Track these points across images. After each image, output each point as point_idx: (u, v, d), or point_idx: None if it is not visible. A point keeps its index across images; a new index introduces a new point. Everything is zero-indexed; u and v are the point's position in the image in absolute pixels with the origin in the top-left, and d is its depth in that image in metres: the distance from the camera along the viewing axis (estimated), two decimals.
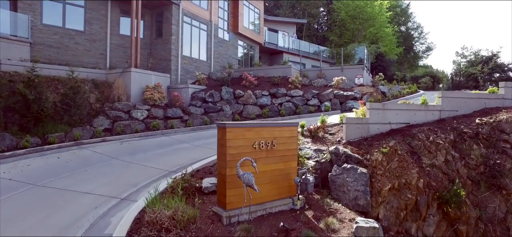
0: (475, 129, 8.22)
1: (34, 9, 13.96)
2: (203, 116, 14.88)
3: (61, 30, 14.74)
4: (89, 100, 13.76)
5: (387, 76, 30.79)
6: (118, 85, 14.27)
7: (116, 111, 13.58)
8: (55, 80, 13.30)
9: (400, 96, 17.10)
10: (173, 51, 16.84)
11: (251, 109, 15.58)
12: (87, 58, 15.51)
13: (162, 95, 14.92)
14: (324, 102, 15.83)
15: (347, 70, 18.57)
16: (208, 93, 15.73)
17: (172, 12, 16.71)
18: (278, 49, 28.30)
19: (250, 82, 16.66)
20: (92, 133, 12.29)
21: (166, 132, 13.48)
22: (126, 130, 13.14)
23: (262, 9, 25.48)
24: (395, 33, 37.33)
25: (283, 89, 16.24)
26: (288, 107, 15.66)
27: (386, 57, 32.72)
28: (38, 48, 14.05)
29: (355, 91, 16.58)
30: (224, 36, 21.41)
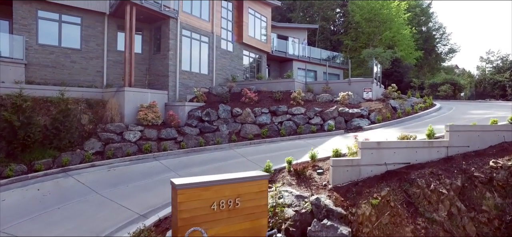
0: (488, 173, 7.02)
1: (29, 29, 13.90)
2: (198, 137, 14.27)
3: (57, 49, 14.62)
4: (82, 121, 13.50)
5: (404, 83, 29.07)
6: (111, 105, 13.93)
7: (108, 133, 13.24)
8: (47, 102, 13.13)
9: (412, 113, 15.73)
10: (171, 67, 16.37)
11: (249, 128, 14.80)
12: (84, 76, 15.33)
13: (156, 114, 14.45)
14: (328, 120, 14.78)
15: (355, 84, 17.37)
16: (205, 111, 15.11)
17: (170, 27, 16.24)
18: (287, 57, 27.33)
19: (250, 99, 15.89)
20: (82, 158, 11.97)
21: (158, 156, 12.97)
22: (117, 154, 12.75)
23: (270, 17, 24.63)
24: (413, 35, 35.23)
25: (284, 106, 15.35)
26: (289, 126, 14.76)
27: (403, 63, 30.90)
28: (33, 69, 13.98)
29: (362, 107, 15.40)
30: (227, 47, 20.76)
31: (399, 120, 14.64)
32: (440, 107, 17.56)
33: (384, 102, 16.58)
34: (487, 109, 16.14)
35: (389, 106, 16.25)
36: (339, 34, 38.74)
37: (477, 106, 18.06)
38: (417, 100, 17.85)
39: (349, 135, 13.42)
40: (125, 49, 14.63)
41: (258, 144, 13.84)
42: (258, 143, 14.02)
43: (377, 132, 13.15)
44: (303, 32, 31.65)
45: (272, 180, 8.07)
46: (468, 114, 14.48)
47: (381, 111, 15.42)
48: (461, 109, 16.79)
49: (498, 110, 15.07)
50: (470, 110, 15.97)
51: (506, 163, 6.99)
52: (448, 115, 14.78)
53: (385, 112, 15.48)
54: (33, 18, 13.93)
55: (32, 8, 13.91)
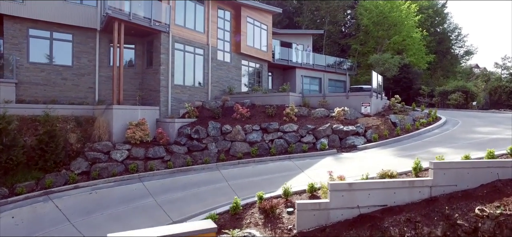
0: (473, 222, 6.29)
1: (20, 48, 14.01)
2: (186, 156, 13.95)
3: (48, 67, 14.69)
4: (70, 140, 13.45)
5: (413, 90, 27.84)
6: (99, 124, 13.84)
7: (95, 152, 13.14)
8: (35, 121, 13.19)
9: (412, 130, 14.82)
10: (162, 82, 16.15)
11: (239, 147, 14.36)
12: (76, 93, 15.35)
13: (145, 132, 14.23)
14: (321, 138, 14.13)
15: (353, 98, 16.59)
16: (194, 128, 14.78)
17: (161, 41, 16.02)
18: (289, 65, 26.68)
19: (242, 115, 15.45)
20: (66, 179, 11.90)
21: (143, 176, 12.73)
22: (103, 174, 12.61)
23: (270, 25, 24.08)
24: (424, 38, 33.71)
25: (275, 123, 14.81)
26: (280, 144, 14.21)
27: (412, 68, 29.59)
28: (24, 87, 14.10)
29: (359, 124, 14.65)
30: (224, 58, 20.39)
31: (397, 139, 13.80)
32: (445, 121, 16.51)
33: (384, 118, 15.75)
34: (497, 125, 14.99)
35: (388, 122, 15.40)
36: (348, 38, 37.64)
37: (487, 120, 16.86)
38: (420, 114, 16.85)
39: (342, 156, 12.79)
40: (113, 67, 14.51)
41: (246, 164, 13.38)
42: (247, 162, 13.55)
43: (370, 153, 12.43)
44: (308, 38, 30.88)
45: (240, 218, 7.62)
46: (473, 133, 13.46)
47: (379, 128, 14.62)
48: (468, 125, 15.70)
49: (509, 127, 13.94)
50: (476, 127, 14.89)
51: (493, 212, 6.23)
52: (450, 133, 13.80)
53: (383, 129, 14.67)
54: (24, 37, 14.03)
55: (23, 26, 14.01)
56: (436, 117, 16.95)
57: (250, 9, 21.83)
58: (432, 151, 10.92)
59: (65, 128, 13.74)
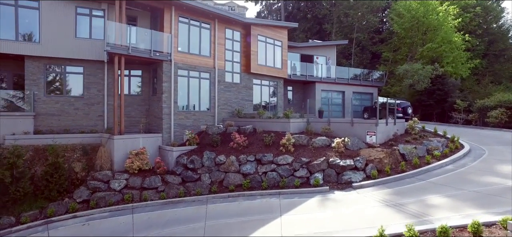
0: None
1: (38, 83, 15.48)
2: (180, 186, 14.20)
3: (62, 98, 16.03)
4: (75, 169, 14.54)
5: (448, 103, 25.08)
6: (101, 153, 14.73)
7: (96, 181, 13.99)
8: (45, 150, 14.51)
9: (421, 164, 13.28)
10: (165, 109, 16.64)
11: (232, 178, 14.21)
12: (86, 121, 16.53)
13: (144, 161, 14.78)
14: (315, 173, 13.37)
15: (358, 125, 15.42)
16: (190, 158, 14.98)
17: (163, 69, 16.51)
18: (307, 80, 25.78)
19: (238, 144, 15.27)
20: (67, 208, 12.85)
21: (136, 207, 13.23)
22: (100, 203, 13.39)
23: (285, 40, 23.44)
24: (467, 41, 30.07)
25: (270, 155, 14.37)
26: (272, 177, 13.75)
27: (448, 79, 26.64)
28: (41, 118, 15.55)
29: (359, 157, 13.55)
30: (233, 79, 20.37)
31: (399, 177, 12.47)
32: (467, 152, 14.56)
33: (391, 148, 14.38)
34: None
35: (396, 154, 14.02)
36: (379, 45, 35.24)
37: None
38: (435, 144, 15.05)
39: (331, 197, 11.93)
40: (114, 98, 15.30)
41: (235, 199, 13.17)
42: (237, 196, 13.35)
43: (363, 194, 11.41)
44: (332, 49, 29.51)
45: None
46: (492, 174, 11.60)
47: (382, 161, 13.37)
48: (494, 158, 13.63)
49: None
50: (503, 163, 12.83)
51: None
52: (464, 172, 12.08)
53: (386, 162, 13.40)
54: (41, 73, 15.49)
55: (40, 64, 15.47)
56: (457, 146, 15.03)
57: (261, 27, 21.51)
58: (426, 201, 9.68)
59: (72, 157, 14.89)
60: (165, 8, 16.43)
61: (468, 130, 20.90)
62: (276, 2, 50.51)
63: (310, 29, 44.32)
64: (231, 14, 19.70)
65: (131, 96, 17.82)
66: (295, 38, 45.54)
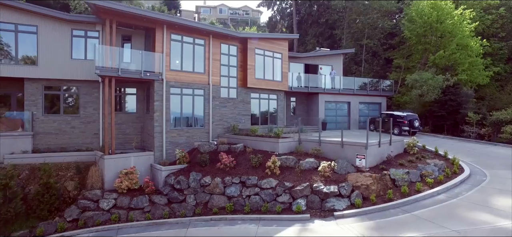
0: None
1: (36, 103, 16.20)
2: (166, 207, 14.34)
3: (59, 118, 16.68)
4: (68, 188, 15.07)
5: (460, 115, 23.61)
6: (92, 173, 15.17)
7: (86, 200, 14.41)
8: (41, 170, 15.13)
9: (411, 193, 12.52)
10: (157, 128, 16.86)
11: (217, 200, 14.14)
12: (82, 139, 17.09)
13: (133, 181, 15.02)
14: (298, 199, 13.01)
15: (348, 147, 14.81)
16: (177, 179, 15.09)
17: (155, 88, 16.73)
18: (310, 91, 25.24)
19: (225, 165, 15.17)
20: (56, 227, 13.36)
21: (122, 227, 13.51)
22: (88, 223, 13.78)
23: (286, 52, 23.04)
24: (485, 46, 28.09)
25: (254, 178, 14.16)
26: (255, 202, 13.54)
27: (461, 89, 25.07)
28: (40, 137, 16.26)
29: (345, 183, 13.02)
30: (229, 95, 20.30)
31: (383, 207, 11.84)
32: (465, 177, 13.59)
33: (381, 172, 13.69)
34: None
35: (385, 179, 13.34)
36: (391, 50, 33.86)
37: None
38: (431, 169, 14.15)
39: (309, 227, 11.53)
40: (104, 119, 15.69)
41: (217, 222, 13.11)
42: (218, 220, 13.29)
43: (341, 226, 10.90)
44: (338, 58, 28.73)
45: None
46: (484, 210, 10.72)
47: (369, 188, 12.77)
48: (494, 186, 12.60)
49: None
50: (502, 193, 11.85)
51: None
52: (455, 204, 11.23)
53: (374, 189, 12.78)
54: (39, 94, 16.22)
55: (39, 85, 16.20)
56: (455, 170, 14.06)
57: (259, 40, 21.29)
58: None
59: (65, 176, 15.45)
60: (156, 27, 16.65)
61: (477, 146, 19.54)
62: (288, 7, 49.97)
63: (321, 34, 43.47)
64: (226, 30, 19.67)
65: (126, 113, 18.25)
66: (306, 43, 44.85)
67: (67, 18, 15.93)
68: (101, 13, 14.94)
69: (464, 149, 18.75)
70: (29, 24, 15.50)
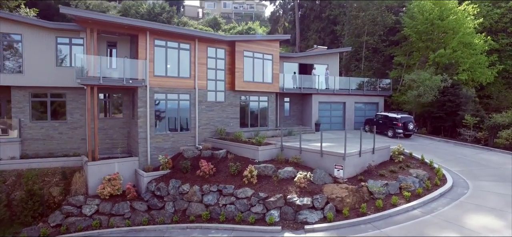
0: None
1: (24, 110, 16.63)
2: (145, 214, 14.59)
3: (47, 124, 17.09)
4: (53, 193, 15.52)
5: (459, 117, 22.83)
6: (76, 179, 15.53)
7: (70, 206, 14.81)
8: (24, 177, 15.61)
9: (386, 207, 12.23)
10: (141, 134, 17.04)
11: (195, 208, 14.28)
12: (70, 144, 17.49)
13: (115, 187, 15.31)
14: (272, 210, 12.96)
15: (327, 157, 14.56)
16: (157, 185, 15.28)
17: (138, 94, 16.86)
18: (302, 92, 24.91)
19: (205, 172, 15.24)
20: (39, 233, 13.83)
21: (102, 234, 13.87)
22: (70, 228, 14.20)
23: (276, 53, 22.71)
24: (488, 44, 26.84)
25: (230, 187, 14.18)
26: (230, 211, 13.59)
27: (461, 90, 24.17)
28: (28, 143, 16.73)
29: (319, 195, 12.86)
30: (216, 98, 20.27)
31: (354, 222, 11.61)
32: (446, 190, 13.16)
33: (359, 184, 13.44)
34: None
35: (362, 191, 13.09)
36: (393, 47, 32.89)
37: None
38: (412, 180, 13.75)
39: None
40: (87, 127, 15.96)
41: (192, 231, 13.30)
42: (194, 228, 13.46)
43: None
44: (334, 57, 28.16)
45: None
46: (455, 230, 10.36)
47: (343, 200, 12.58)
48: (473, 202, 12.15)
49: None
50: (477, 212, 11.44)
51: None
52: (425, 222, 10.83)
53: (349, 202, 12.58)
54: (26, 101, 16.63)
55: (26, 92, 16.60)
56: (436, 183, 13.64)
57: (247, 43, 21.06)
58: None
59: (51, 182, 15.91)
60: (139, 34, 16.68)
61: (470, 153, 18.84)
62: (290, 1, 49.15)
63: (323, 30, 42.67)
64: (211, 34, 19.56)
65: (113, 119, 18.53)
66: (308, 38, 44.14)
67: (51, 27, 16.14)
68: (81, 22, 15.08)
69: (455, 155, 18.16)
70: (13, 33, 15.79)
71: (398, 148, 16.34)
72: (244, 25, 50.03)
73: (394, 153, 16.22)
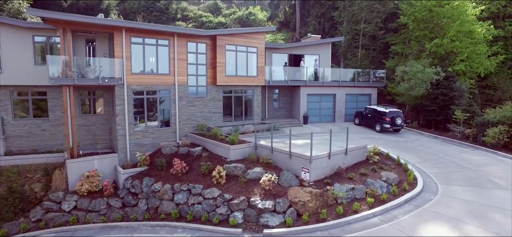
0: None
1: (6, 109, 17.18)
2: (120, 211, 15.09)
3: (29, 121, 17.64)
4: (34, 189, 16.17)
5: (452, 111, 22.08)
6: (55, 176, 16.11)
7: (50, 202, 15.46)
8: (11, 173, 16.30)
9: (343, 214, 12.13)
10: (120, 131, 17.35)
11: (166, 206, 14.66)
12: (53, 141, 18.06)
13: (93, 184, 15.78)
14: (235, 212, 13.14)
15: (295, 159, 14.47)
16: (132, 183, 15.69)
17: (116, 93, 17.05)
18: (289, 84, 24.55)
19: (177, 171, 15.50)
20: (19, 228, 14.58)
21: (78, 229, 14.47)
22: (50, 224, 14.89)
23: (262, 46, 22.29)
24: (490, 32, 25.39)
25: (199, 187, 14.40)
26: (197, 211, 13.89)
27: (454, 83, 23.24)
28: (12, 140, 17.38)
29: (282, 198, 12.90)
30: (198, 93, 20.27)
31: (311, 228, 11.61)
32: (412, 196, 12.91)
33: (324, 188, 13.38)
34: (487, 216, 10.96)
35: (326, 196, 13.03)
36: (391, 34, 31.69)
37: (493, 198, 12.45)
38: (379, 184, 13.52)
39: None
40: (66, 126, 16.34)
41: (161, 228, 13.78)
42: (163, 226, 13.90)
43: None
44: (326, 47, 27.42)
45: None
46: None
47: (306, 205, 12.58)
48: (436, 210, 11.89)
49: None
50: (436, 222, 11.24)
51: None
52: (381, 231, 10.80)
53: (311, 206, 12.59)
54: (8, 100, 17.14)
55: (6, 91, 17.09)
56: (405, 188, 13.38)
57: (230, 36, 20.75)
58: None
59: (33, 178, 16.57)
60: (115, 32, 16.68)
61: (454, 151, 18.17)
62: None
63: (323, 15, 41.49)
64: (190, 30, 19.33)
65: (95, 115, 18.92)
66: (307, 24, 43.07)
67: (26, 26, 16.33)
68: (53, 23, 15.18)
69: (438, 154, 17.67)
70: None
71: (374, 148, 16.06)
72: (245, 10, 49.08)
73: (370, 154, 15.95)
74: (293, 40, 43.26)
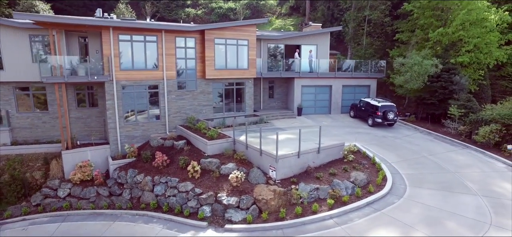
0: None
1: (11, 103, 18.83)
2: (107, 199, 16.42)
3: (32, 114, 19.24)
4: (35, 177, 17.90)
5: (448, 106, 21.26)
6: (53, 165, 17.70)
7: (48, 188, 17.13)
8: (15, 161, 18.10)
9: (306, 213, 12.49)
10: (111, 124, 18.50)
11: (147, 197, 15.75)
12: (53, 132, 19.62)
13: (85, 173, 17.19)
14: (204, 205, 13.91)
15: (266, 157, 14.81)
16: (119, 173, 16.88)
17: (105, 88, 18.09)
18: (282, 76, 24.55)
19: (158, 164, 16.45)
20: (21, 211, 16.36)
21: (70, 215, 16.02)
22: (47, 208, 16.58)
23: (253, 38, 22.31)
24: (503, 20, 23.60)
25: (175, 180, 15.28)
26: (172, 203, 14.85)
27: (455, 76, 22.12)
28: (17, 131, 19.12)
29: (247, 196, 13.46)
30: (187, 87, 20.93)
31: (268, 227, 12.10)
32: (378, 197, 12.94)
33: (289, 186, 13.73)
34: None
35: (290, 195, 13.40)
36: (399, 20, 30.30)
37: None
38: (345, 185, 13.60)
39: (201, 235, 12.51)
40: (60, 119, 17.69)
41: (140, 217, 14.91)
42: (142, 215, 15.05)
43: None
44: (324, 36, 26.87)
45: None
46: None
47: (268, 203, 13.07)
48: (393, 215, 11.92)
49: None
50: (387, 228, 11.30)
51: None
52: (332, 233, 11.12)
53: (274, 205, 13.06)
54: (11, 94, 18.73)
55: (9, 87, 18.65)
56: (370, 190, 13.39)
57: (219, 30, 21.00)
58: None
59: (34, 166, 18.28)
60: (102, 31, 17.53)
61: (441, 150, 17.51)
62: None
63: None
64: (177, 26, 19.73)
65: (91, 108, 20.23)
66: (316, 9, 42.02)
67: (22, 27, 17.56)
68: (42, 25, 16.24)
69: (422, 153, 17.24)
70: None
71: (349, 146, 16.04)
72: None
73: (345, 152, 15.96)
74: (303, 25, 42.42)
